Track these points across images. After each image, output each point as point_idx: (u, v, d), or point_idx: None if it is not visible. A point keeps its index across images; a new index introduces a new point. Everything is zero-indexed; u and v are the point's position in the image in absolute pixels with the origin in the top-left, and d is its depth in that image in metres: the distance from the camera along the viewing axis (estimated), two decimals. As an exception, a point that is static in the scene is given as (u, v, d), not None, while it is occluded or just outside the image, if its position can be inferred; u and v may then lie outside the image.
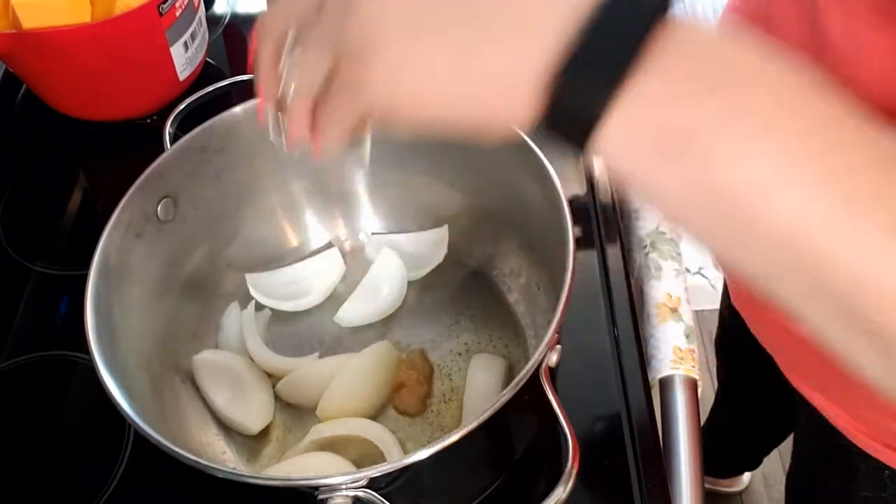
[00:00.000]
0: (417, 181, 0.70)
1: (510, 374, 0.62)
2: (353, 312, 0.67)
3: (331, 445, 0.58)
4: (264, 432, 0.62)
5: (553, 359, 0.48)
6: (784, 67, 0.27)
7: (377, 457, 0.57)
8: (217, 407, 0.61)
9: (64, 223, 0.81)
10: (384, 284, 0.67)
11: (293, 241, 0.72)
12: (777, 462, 1.41)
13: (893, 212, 0.25)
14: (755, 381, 1.01)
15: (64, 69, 0.80)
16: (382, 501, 0.43)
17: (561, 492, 0.43)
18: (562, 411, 0.46)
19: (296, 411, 0.63)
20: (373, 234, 0.73)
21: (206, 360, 0.63)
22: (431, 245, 0.70)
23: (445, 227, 0.70)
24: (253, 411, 0.61)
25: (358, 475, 0.43)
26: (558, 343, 0.49)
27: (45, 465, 0.63)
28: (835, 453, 0.66)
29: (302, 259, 0.71)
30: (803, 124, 0.26)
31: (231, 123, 0.63)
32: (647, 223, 0.73)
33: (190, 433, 0.58)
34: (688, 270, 0.76)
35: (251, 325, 0.66)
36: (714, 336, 1.07)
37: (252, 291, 0.68)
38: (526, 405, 0.51)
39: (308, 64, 0.35)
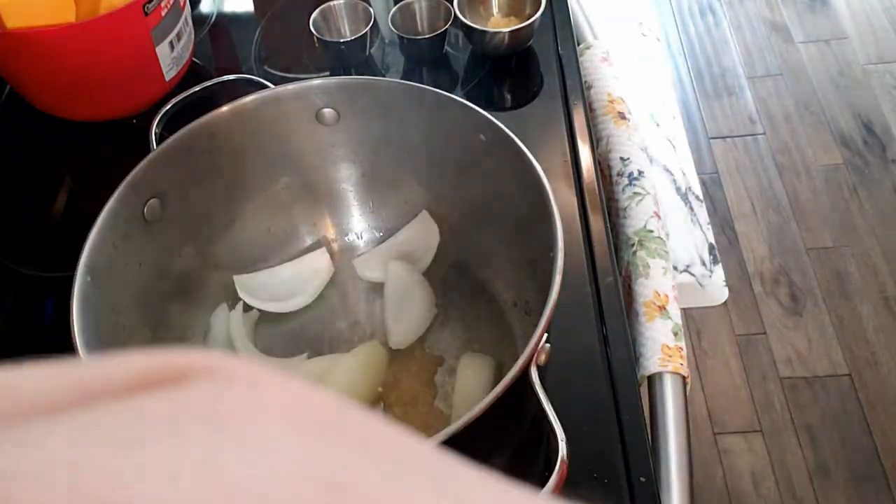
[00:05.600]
0: (405, 181, 0.70)
1: (499, 373, 0.62)
2: (404, 335, 0.65)
3: (320, 446, 0.58)
4: (253, 433, 0.61)
5: (542, 358, 0.48)
6: None
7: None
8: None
9: (49, 224, 0.80)
10: (412, 294, 0.67)
11: (281, 242, 0.72)
12: None
13: None
14: None
15: (48, 69, 0.79)
16: (372, 502, 0.43)
17: (552, 489, 0.43)
18: (551, 410, 0.46)
19: (285, 412, 0.63)
20: (358, 255, 0.72)
21: None
22: (421, 235, 0.70)
23: (424, 212, 0.70)
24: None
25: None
26: (547, 342, 0.49)
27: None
28: None
29: (290, 260, 0.71)
30: None
31: (218, 123, 0.63)
32: (635, 221, 0.73)
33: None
34: (675, 269, 0.76)
35: (239, 327, 0.66)
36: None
37: (240, 293, 0.68)
38: (515, 404, 0.51)
39: None
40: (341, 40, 0.87)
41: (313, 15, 0.88)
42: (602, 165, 0.81)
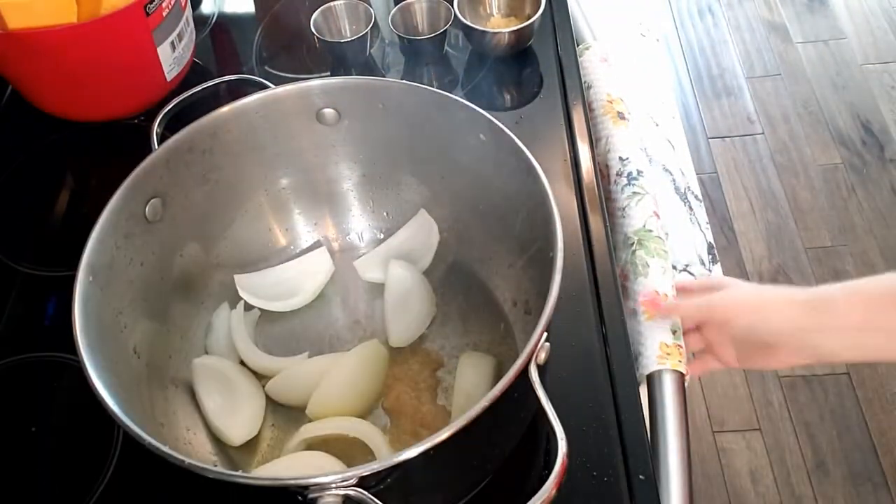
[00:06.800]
0: (405, 180, 0.70)
1: (499, 372, 0.62)
2: (404, 334, 0.66)
3: (321, 444, 0.58)
4: (254, 432, 0.62)
5: (542, 356, 0.49)
6: None
7: (367, 455, 0.57)
8: (205, 412, 0.61)
9: (51, 224, 0.81)
10: (412, 293, 0.67)
11: (281, 241, 0.72)
12: None
13: None
14: None
15: (50, 70, 0.79)
16: (373, 500, 0.43)
17: (551, 487, 0.44)
18: (551, 408, 0.46)
19: (286, 411, 0.63)
20: (360, 255, 0.72)
21: (205, 364, 0.63)
22: (421, 234, 0.70)
23: (423, 211, 0.70)
24: (238, 424, 0.60)
25: (348, 474, 0.43)
26: (547, 341, 0.49)
27: (33, 466, 0.63)
28: None
29: (290, 259, 0.71)
30: None
31: (218, 123, 0.63)
32: (634, 221, 0.74)
33: (179, 433, 0.58)
34: (674, 268, 0.76)
35: (240, 326, 0.66)
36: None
37: (241, 292, 0.68)
38: (515, 402, 0.51)
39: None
40: (342, 40, 0.87)
41: (314, 15, 0.88)
42: (601, 165, 0.81)
